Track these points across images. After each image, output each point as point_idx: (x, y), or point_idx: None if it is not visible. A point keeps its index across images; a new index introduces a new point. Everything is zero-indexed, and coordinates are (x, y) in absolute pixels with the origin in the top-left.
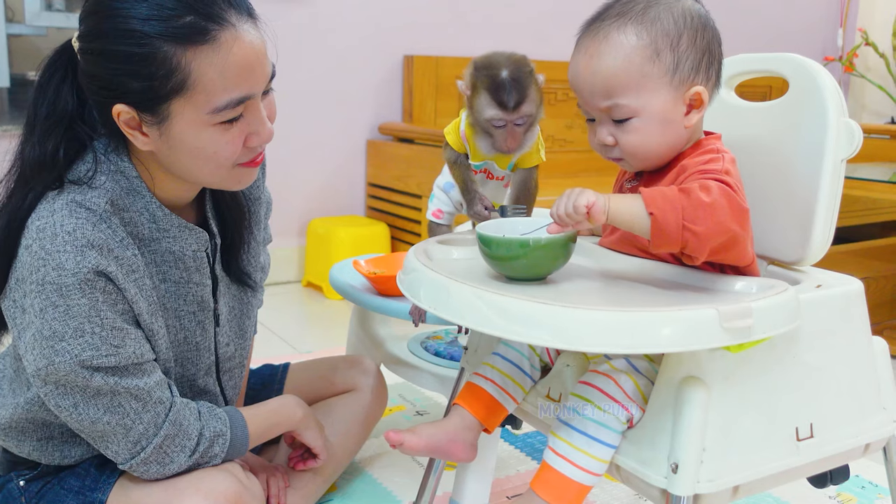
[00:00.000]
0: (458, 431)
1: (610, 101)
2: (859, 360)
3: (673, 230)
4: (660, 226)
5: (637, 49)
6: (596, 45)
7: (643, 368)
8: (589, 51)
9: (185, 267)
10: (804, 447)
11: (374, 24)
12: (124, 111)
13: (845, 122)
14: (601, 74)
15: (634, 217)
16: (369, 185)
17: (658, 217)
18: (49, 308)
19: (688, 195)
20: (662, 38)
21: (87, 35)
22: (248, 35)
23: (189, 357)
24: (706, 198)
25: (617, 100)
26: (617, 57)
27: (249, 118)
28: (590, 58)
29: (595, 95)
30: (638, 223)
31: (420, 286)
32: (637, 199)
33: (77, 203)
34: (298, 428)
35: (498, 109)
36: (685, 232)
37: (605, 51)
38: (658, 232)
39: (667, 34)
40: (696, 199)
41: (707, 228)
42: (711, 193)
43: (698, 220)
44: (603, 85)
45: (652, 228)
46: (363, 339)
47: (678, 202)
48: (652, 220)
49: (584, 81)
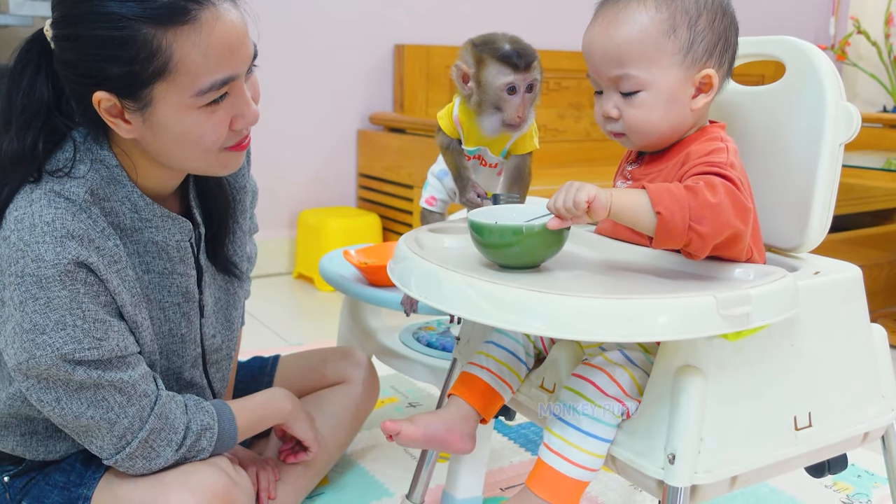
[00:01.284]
0: (456, 422)
1: (620, 71)
2: (858, 347)
3: (679, 230)
4: (666, 225)
5: (655, 22)
6: (615, 13)
7: (638, 360)
8: (606, 18)
9: (168, 257)
10: (802, 436)
11: (363, 13)
12: (105, 98)
13: (843, 105)
14: (615, 42)
15: (639, 214)
16: (360, 176)
17: (665, 216)
18: (29, 301)
19: (695, 195)
20: (681, 15)
21: (61, 21)
22: (228, 14)
23: (174, 349)
24: (712, 198)
25: (628, 70)
26: (633, 27)
27: (234, 100)
28: (607, 25)
29: (607, 63)
30: (643, 221)
31: (411, 275)
32: (642, 196)
33: (56, 193)
34: (288, 420)
35: (511, 72)
36: (691, 232)
37: (623, 20)
38: (664, 231)
39: (686, 11)
40: (703, 199)
41: (712, 229)
42: (717, 193)
43: (704, 220)
44: (616, 53)
45: (658, 227)
46: (354, 330)
47: (685, 202)
48: (659, 219)
49: (598, 48)
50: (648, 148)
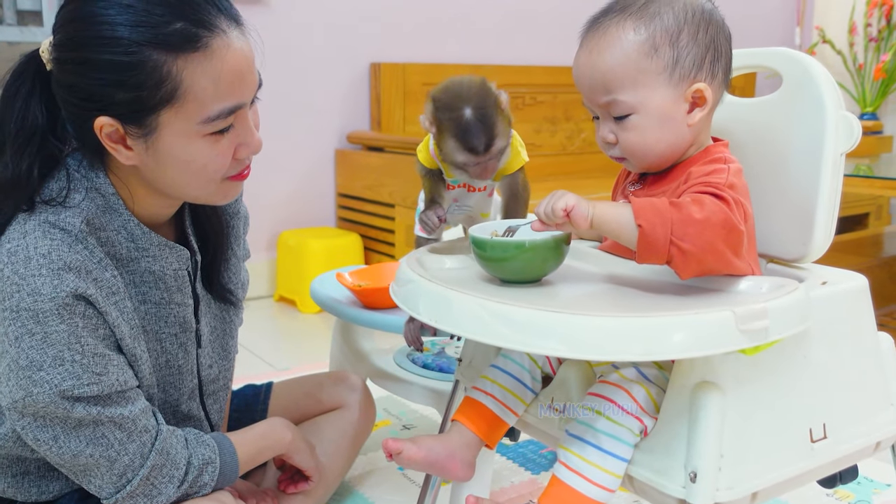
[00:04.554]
0: (458, 448)
1: (608, 97)
2: (867, 356)
3: (660, 244)
4: (647, 238)
5: (634, 44)
6: (595, 40)
7: (653, 376)
8: (589, 46)
9: (165, 287)
10: (819, 448)
11: (339, 31)
12: (107, 124)
13: (843, 115)
14: (599, 69)
15: (621, 226)
16: (339, 196)
17: (646, 229)
18: (25, 336)
19: (679, 209)
20: (661, 34)
21: (65, 44)
22: (238, 42)
23: (171, 381)
24: (697, 214)
25: (615, 95)
26: (614, 52)
27: (238, 129)
28: (589, 53)
29: (595, 91)
30: (624, 233)
31: (418, 298)
32: (626, 209)
33: (51, 224)
34: (289, 450)
35: (468, 154)
36: (672, 247)
37: (604, 46)
38: (644, 244)
39: (665, 29)
40: (687, 214)
41: (694, 246)
42: (704, 209)
43: (686, 236)
44: (601, 80)
45: (639, 240)
46: (347, 353)
47: (668, 215)
48: (640, 231)
49: (584, 77)
50: (651, 169)
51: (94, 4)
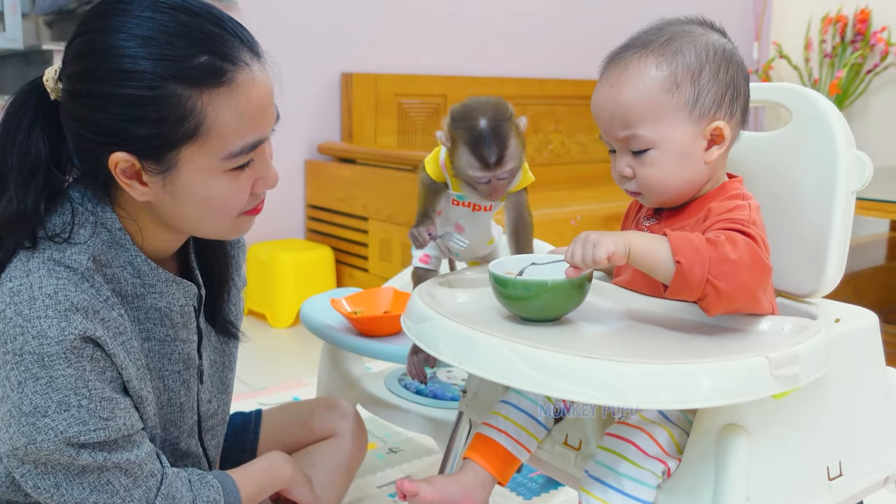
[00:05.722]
0: (473, 489)
1: (628, 132)
2: (878, 392)
3: (697, 282)
4: (685, 276)
5: (656, 80)
6: (616, 74)
7: (675, 417)
8: (609, 80)
9: (171, 324)
10: (836, 486)
11: (310, 41)
12: (123, 160)
13: (854, 154)
14: (620, 104)
15: (658, 262)
16: (309, 207)
17: (685, 267)
18: (29, 381)
19: (715, 247)
20: (683, 71)
21: (80, 76)
22: (261, 75)
23: (172, 419)
24: (732, 254)
25: (635, 130)
26: (636, 87)
27: (258, 163)
28: (610, 87)
29: (614, 125)
30: (661, 269)
31: (438, 337)
32: (662, 243)
33: (55, 262)
34: (289, 485)
35: (479, 168)
36: (708, 286)
37: (625, 81)
38: (681, 281)
39: (688, 67)
40: (723, 254)
41: (729, 286)
42: (738, 249)
43: (722, 275)
44: (622, 115)
45: (675, 277)
46: (336, 378)
47: (706, 254)
48: (677, 268)
49: (604, 111)
50: (666, 205)
51: (114, 36)
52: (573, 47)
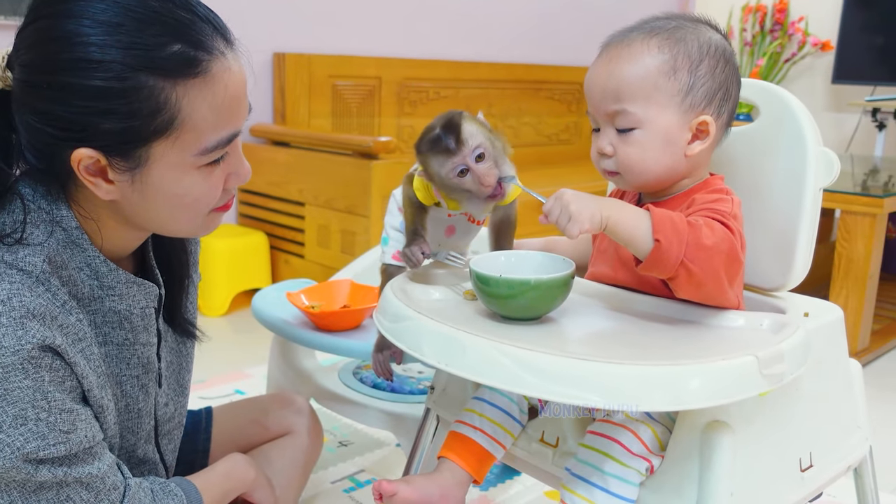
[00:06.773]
0: (450, 488)
1: (618, 106)
2: (842, 383)
3: (672, 262)
4: (661, 255)
5: (656, 61)
6: (617, 51)
7: (658, 415)
8: (609, 55)
9: (131, 327)
10: (807, 477)
11: (241, 19)
12: (87, 156)
13: (822, 151)
14: (615, 78)
15: (636, 237)
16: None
17: (663, 245)
18: None
19: (694, 231)
20: (683, 58)
21: (39, 66)
22: (235, 65)
23: (129, 426)
24: (709, 240)
25: (625, 105)
26: (635, 64)
27: (230, 158)
28: (609, 61)
29: (605, 98)
30: (638, 244)
31: (421, 338)
32: (643, 219)
33: (7, 264)
34: (251, 488)
35: (446, 158)
36: (681, 268)
37: (625, 56)
38: (657, 259)
39: (688, 55)
40: (700, 237)
41: (701, 270)
42: (714, 235)
43: (696, 259)
44: (615, 89)
45: (652, 254)
46: (288, 372)
47: (685, 235)
48: (655, 246)
49: (598, 84)
50: (642, 190)
51: (77, 22)
52: (507, 30)
